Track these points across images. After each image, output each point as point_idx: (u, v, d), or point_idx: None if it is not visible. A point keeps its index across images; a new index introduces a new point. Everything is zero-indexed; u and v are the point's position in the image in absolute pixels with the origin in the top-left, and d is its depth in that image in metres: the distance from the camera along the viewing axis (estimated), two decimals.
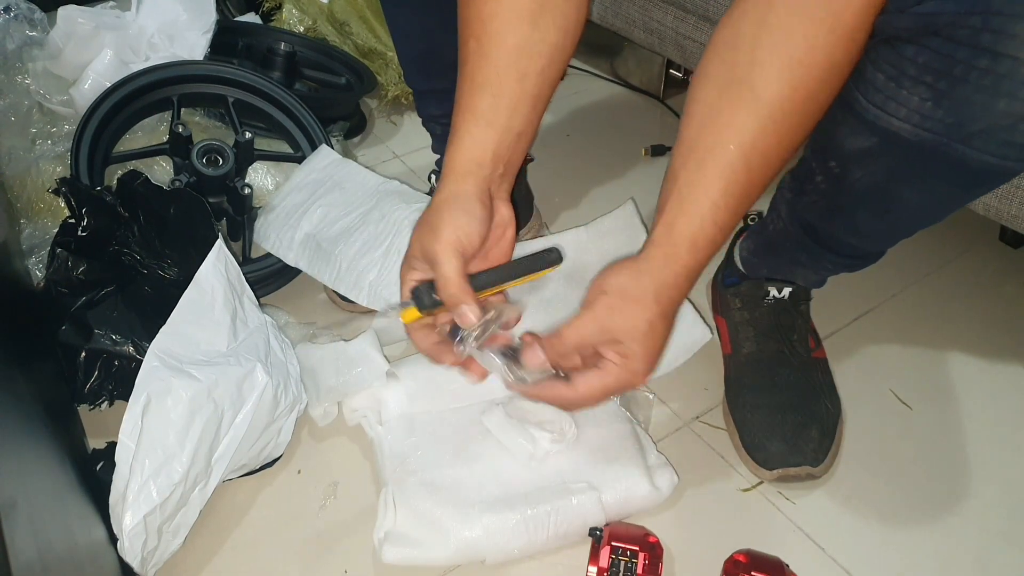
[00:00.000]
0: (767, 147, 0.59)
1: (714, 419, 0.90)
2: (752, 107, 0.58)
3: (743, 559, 0.72)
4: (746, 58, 0.58)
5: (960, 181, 0.65)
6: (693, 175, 0.60)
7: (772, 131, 0.58)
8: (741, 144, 0.58)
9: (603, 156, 1.34)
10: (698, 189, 0.60)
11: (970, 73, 0.55)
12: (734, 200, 0.60)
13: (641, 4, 1.13)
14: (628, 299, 0.61)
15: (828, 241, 0.81)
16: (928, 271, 1.10)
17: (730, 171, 0.59)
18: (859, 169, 0.69)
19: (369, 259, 0.92)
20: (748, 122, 0.58)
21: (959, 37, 0.54)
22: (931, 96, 0.58)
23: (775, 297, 0.91)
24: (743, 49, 0.58)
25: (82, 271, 0.86)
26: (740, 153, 0.58)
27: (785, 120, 0.58)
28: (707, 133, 0.60)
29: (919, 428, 0.90)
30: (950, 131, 0.59)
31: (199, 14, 1.18)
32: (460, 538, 0.74)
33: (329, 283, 0.96)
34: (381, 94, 1.39)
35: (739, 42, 0.59)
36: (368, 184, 1.01)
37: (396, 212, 0.95)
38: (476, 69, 0.65)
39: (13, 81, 1.15)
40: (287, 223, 0.99)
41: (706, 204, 0.59)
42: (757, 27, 0.58)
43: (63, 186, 0.88)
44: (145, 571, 0.72)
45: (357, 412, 0.86)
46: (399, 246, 0.90)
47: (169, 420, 0.72)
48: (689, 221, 0.60)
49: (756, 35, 0.58)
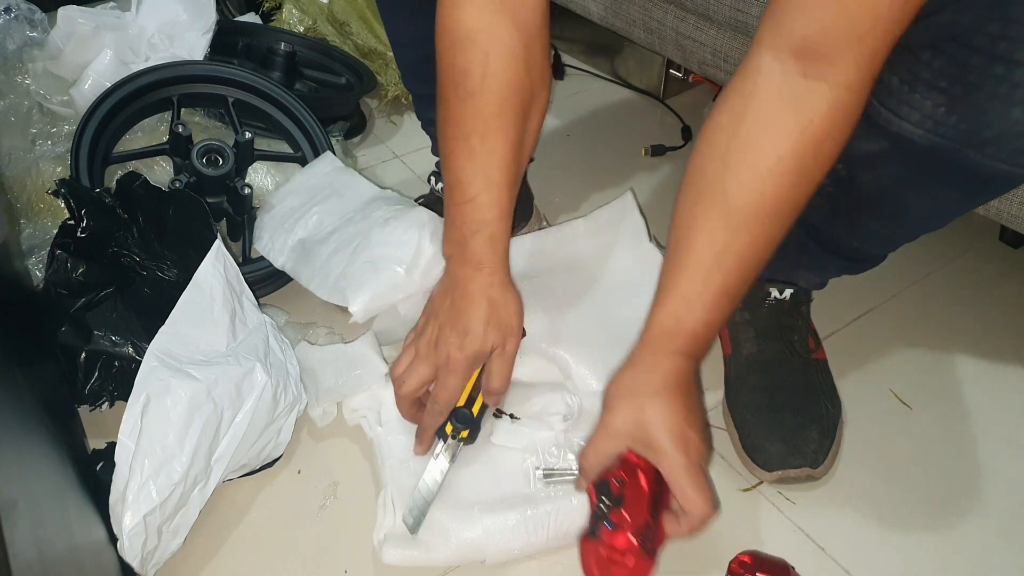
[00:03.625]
0: (740, 249, 0.63)
1: (714, 419, 0.90)
2: (722, 212, 0.62)
3: (748, 560, 0.72)
4: (718, 167, 0.62)
5: (969, 187, 0.65)
6: (670, 277, 0.65)
7: (744, 236, 0.62)
8: (712, 248, 0.63)
9: (603, 156, 1.34)
10: (673, 290, 0.65)
11: (985, 80, 0.55)
12: (709, 296, 0.64)
13: (641, 4, 1.13)
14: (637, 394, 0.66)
15: (831, 244, 0.81)
16: (928, 271, 1.10)
17: (702, 271, 0.63)
18: (867, 173, 0.69)
19: (339, 258, 0.92)
20: (717, 226, 0.62)
21: (976, 44, 0.54)
22: (945, 101, 0.58)
23: (776, 298, 0.91)
24: (716, 159, 0.62)
25: (81, 272, 0.86)
26: (711, 255, 0.63)
27: (756, 223, 0.62)
28: (684, 239, 0.65)
29: (919, 428, 0.90)
30: (963, 137, 0.59)
31: (199, 14, 1.18)
32: (460, 538, 0.74)
33: (306, 284, 0.95)
34: (381, 94, 1.39)
35: (713, 152, 0.63)
36: (365, 195, 1.01)
37: (375, 213, 0.94)
38: (491, 168, 0.71)
39: (13, 81, 1.15)
40: (282, 226, 0.99)
41: (679, 302, 0.65)
42: (728, 139, 0.61)
43: (62, 188, 0.88)
44: (145, 571, 0.72)
45: (357, 412, 0.86)
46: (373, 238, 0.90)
47: (168, 420, 0.72)
48: (665, 316, 0.66)
49: (728, 146, 0.61)
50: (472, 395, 0.77)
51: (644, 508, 0.65)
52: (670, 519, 0.67)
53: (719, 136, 0.62)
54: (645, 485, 0.66)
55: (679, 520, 0.66)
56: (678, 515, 0.66)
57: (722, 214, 0.62)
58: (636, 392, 0.66)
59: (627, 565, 0.64)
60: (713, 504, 0.64)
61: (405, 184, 1.26)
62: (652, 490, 0.65)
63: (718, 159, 0.62)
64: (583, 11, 1.24)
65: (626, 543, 0.64)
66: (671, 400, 0.65)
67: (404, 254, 0.87)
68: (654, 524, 0.66)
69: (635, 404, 0.65)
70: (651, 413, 0.64)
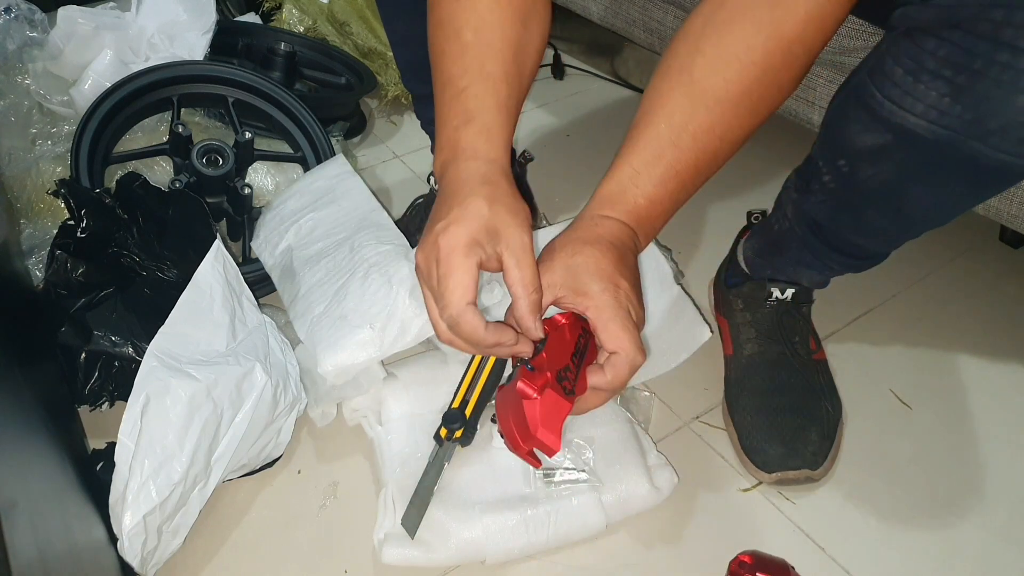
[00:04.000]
0: (697, 129, 0.62)
1: (714, 419, 0.90)
2: (686, 90, 0.62)
3: (748, 560, 0.72)
4: (689, 48, 0.62)
5: (974, 180, 0.65)
6: (625, 149, 0.64)
7: (703, 116, 0.62)
8: (670, 123, 0.62)
9: (603, 156, 1.33)
10: (623, 161, 0.64)
11: (990, 68, 0.55)
12: (659, 172, 0.63)
13: (641, 4, 1.13)
14: (568, 244, 0.63)
15: (835, 241, 0.81)
16: (928, 271, 1.10)
17: (656, 144, 0.62)
18: (870, 167, 0.69)
19: (321, 293, 0.88)
20: (680, 103, 0.62)
21: (980, 31, 0.54)
22: (949, 91, 0.58)
23: (778, 298, 0.91)
24: (689, 41, 0.62)
25: (81, 273, 0.86)
26: (668, 130, 0.62)
27: (718, 108, 0.61)
28: (645, 115, 0.64)
29: (919, 428, 0.90)
30: (967, 128, 0.59)
31: (199, 14, 1.18)
32: (460, 538, 0.74)
33: (286, 304, 0.92)
34: (381, 94, 1.39)
35: (688, 35, 0.63)
36: (361, 208, 0.97)
37: (364, 250, 0.90)
38: (485, 58, 0.65)
39: (13, 81, 1.15)
40: (279, 228, 0.99)
41: (627, 171, 0.63)
42: (704, 23, 0.62)
43: (62, 188, 0.88)
44: (145, 571, 0.72)
45: (357, 412, 0.86)
46: (351, 289, 0.86)
47: (168, 420, 0.72)
48: (610, 185, 0.64)
49: (702, 30, 0.62)
50: (466, 396, 0.75)
51: (564, 353, 0.62)
52: (595, 370, 0.63)
53: (695, 21, 0.62)
54: (568, 334, 0.63)
55: (605, 369, 0.62)
56: (604, 365, 0.62)
57: (685, 93, 0.62)
58: (568, 243, 0.63)
59: (542, 400, 0.61)
60: (639, 347, 0.60)
61: (405, 184, 1.26)
62: (574, 339, 0.63)
63: (691, 41, 0.62)
64: (583, 11, 1.24)
65: (541, 379, 0.61)
66: (604, 250, 0.62)
67: (378, 311, 0.83)
68: (575, 369, 0.63)
69: (566, 252, 0.62)
70: (580, 259, 0.61)
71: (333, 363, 0.81)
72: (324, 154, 1.10)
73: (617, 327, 0.60)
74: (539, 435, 0.61)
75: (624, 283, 0.61)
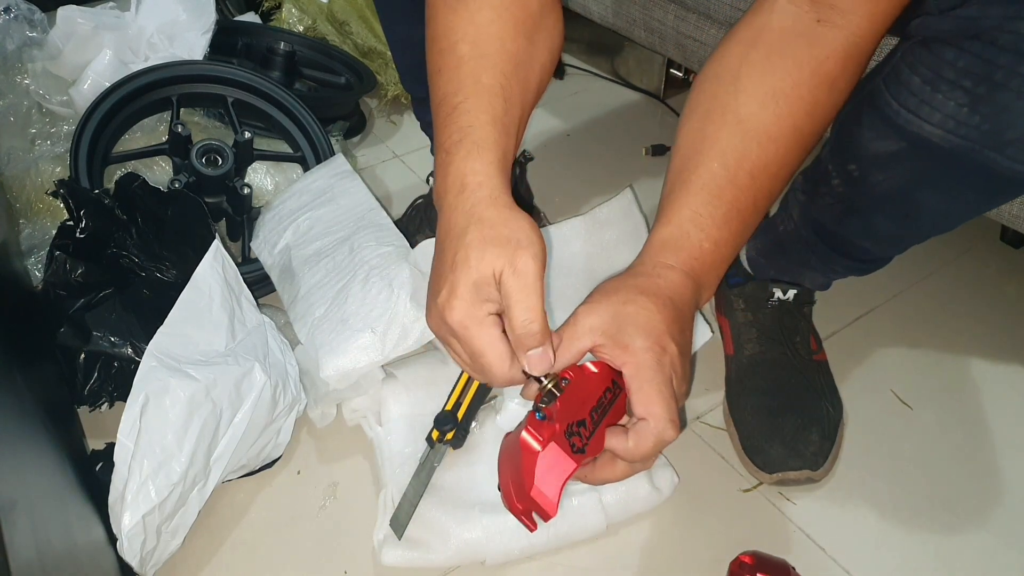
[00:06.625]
0: (753, 167, 0.59)
1: (714, 419, 0.90)
2: (735, 129, 0.59)
3: (749, 560, 0.72)
4: (729, 89, 0.60)
5: (986, 189, 0.65)
6: (677, 193, 0.60)
7: (757, 153, 0.59)
8: (725, 163, 0.59)
9: (603, 156, 1.34)
10: (679, 205, 0.59)
11: (1011, 79, 0.54)
12: (721, 212, 0.59)
13: (642, 3, 1.13)
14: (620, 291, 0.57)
15: (840, 244, 0.81)
16: (929, 271, 1.10)
17: (713, 185, 0.59)
18: (880, 173, 0.69)
19: (321, 294, 0.88)
20: (731, 142, 0.59)
21: (1003, 42, 0.54)
22: (968, 101, 0.58)
23: (779, 299, 0.91)
24: (725, 81, 0.60)
25: (80, 273, 0.86)
26: (723, 169, 0.59)
27: (772, 145, 0.59)
28: (692, 156, 0.60)
29: (919, 428, 0.90)
30: (984, 138, 0.59)
31: (199, 14, 1.18)
32: (460, 539, 0.74)
33: (286, 305, 0.92)
34: (381, 94, 1.39)
35: (722, 76, 0.60)
36: (359, 207, 0.97)
37: (364, 251, 0.90)
38: (481, 71, 0.60)
39: (13, 81, 1.15)
40: (278, 227, 0.99)
41: (687, 215, 0.59)
42: (739, 63, 0.60)
43: (62, 188, 0.88)
44: (144, 571, 0.72)
45: (357, 412, 0.86)
46: (352, 292, 0.86)
47: (167, 420, 0.72)
48: (669, 230, 0.59)
49: (738, 69, 0.59)
50: (459, 399, 0.74)
51: (583, 405, 0.55)
52: (617, 432, 0.56)
53: (729, 61, 0.60)
54: (593, 386, 0.56)
55: (628, 434, 0.55)
56: (629, 429, 0.56)
57: (734, 132, 0.59)
58: (622, 288, 0.57)
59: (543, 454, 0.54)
60: (673, 421, 0.54)
61: (405, 184, 1.26)
62: (600, 392, 0.56)
63: (728, 82, 0.59)
64: (583, 11, 1.24)
65: (548, 430, 0.54)
66: (660, 306, 0.55)
67: (379, 314, 0.83)
68: (591, 426, 0.56)
69: (618, 298, 0.56)
70: (632, 309, 0.55)
71: (335, 367, 0.81)
72: (324, 154, 1.10)
73: (653, 391, 0.54)
74: (533, 494, 0.55)
75: (673, 347, 0.55)
